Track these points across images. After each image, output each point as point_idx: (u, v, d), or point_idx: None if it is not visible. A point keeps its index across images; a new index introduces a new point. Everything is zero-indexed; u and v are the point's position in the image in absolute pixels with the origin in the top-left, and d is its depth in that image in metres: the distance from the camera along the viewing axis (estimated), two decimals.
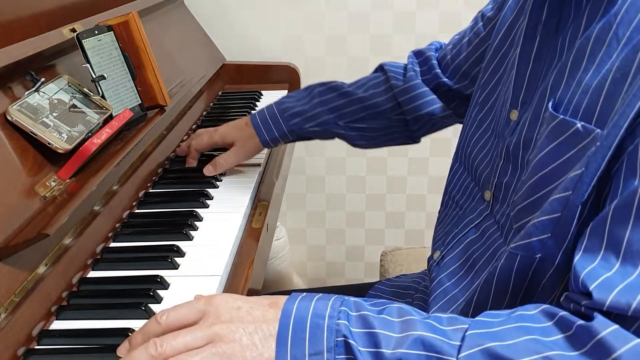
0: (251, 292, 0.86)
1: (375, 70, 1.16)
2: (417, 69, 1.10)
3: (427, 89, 1.08)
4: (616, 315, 0.53)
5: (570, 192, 0.61)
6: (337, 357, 0.57)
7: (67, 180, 0.85)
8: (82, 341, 0.71)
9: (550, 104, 0.67)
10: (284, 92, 1.67)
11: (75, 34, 0.97)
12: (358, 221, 2.00)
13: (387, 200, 1.98)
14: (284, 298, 0.62)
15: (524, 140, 0.73)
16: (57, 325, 0.75)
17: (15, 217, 0.74)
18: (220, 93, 1.65)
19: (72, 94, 0.93)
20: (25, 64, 0.87)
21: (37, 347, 0.71)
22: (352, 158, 1.91)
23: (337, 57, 1.85)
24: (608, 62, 0.62)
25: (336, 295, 0.62)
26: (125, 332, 0.70)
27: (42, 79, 0.88)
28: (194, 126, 1.38)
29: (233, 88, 1.71)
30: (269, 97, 1.62)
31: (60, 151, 0.84)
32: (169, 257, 0.85)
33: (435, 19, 1.80)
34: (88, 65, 0.97)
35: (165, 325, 0.61)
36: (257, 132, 1.13)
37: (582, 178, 0.60)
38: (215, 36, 1.75)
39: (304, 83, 1.79)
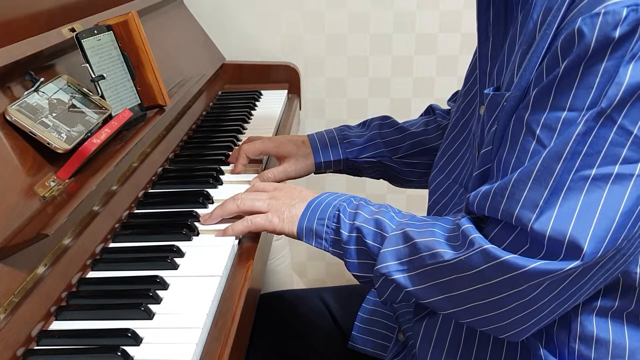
0: (251, 292, 0.86)
1: (426, 112, 1.20)
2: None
3: None
4: (476, 215, 0.74)
5: (490, 146, 0.75)
6: (332, 223, 0.84)
7: (67, 181, 0.85)
8: (81, 341, 0.71)
9: (489, 89, 0.78)
10: (284, 92, 1.67)
11: (74, 33, 0.97)
12: None
13: (387, 200, 1.98)
14: (321, 192, 0.90)
15: (483, 127, 0.80)
16: (57, 325, 0.74)
17: (15, 217, 0.74)
18: (220, 93, 1.65)
19: (72, 93, 0.93)
20: (24, 63, 0.87)
21: (36, 347, 0.71)
22: None
23: (337, 57, 1.85)
24: (525, 41, 0.73)
25: (354, 196, 0.88)
26: (125, 333, 0.70)
27: (42, 79, 0.88)
28: (193, 126, 1.38)
29: (233, 88, 1.71)
30: (269, 97, 1.62)
31: (59, 151, 0.83)
32: (168, 258, 0.84)
33: (435, 18, 1.80)
34: (87, 65, 0.97)
35: (254, 188, 0.98)
36: (314, 153, 1.14)
37: (497, 133, 0.74)
38: (215, 36, 1.75)
39: (304, 83, 1.79)
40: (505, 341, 0.82)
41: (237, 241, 0.92)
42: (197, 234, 0.93)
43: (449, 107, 1.16)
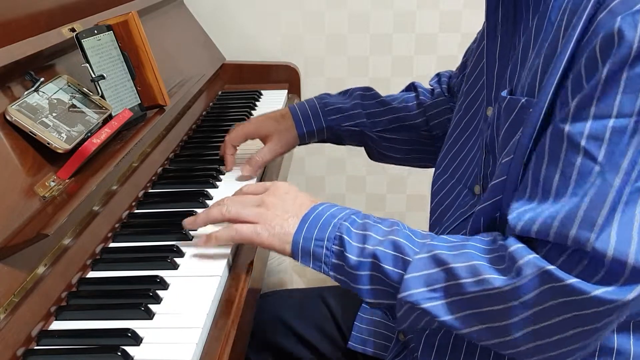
0: (251, 292, 0.85)
1: (407, 88, 1.20)
2: (444, 86, 1.15)
3: (453, 104, 1.11)
4: (525, 238, 0.67)
5: (512, 155, 0.71)
6: (333, 246, 0.76)
7: (67, 180, 0.85)
8: (81, 341, 0.71)
9: (504, 92, 0.75)
10: (284, 92, 1.67)
11: (74, 33, 0.97)
12: None
13: (387, 200, 1.98)
14: (319, 201, 0.82)
15: (496, 131, 0.78)
16: (57, 325, 0.74)
17: (15, 217, 0.74)
18: (220, 93, 1.65)
19: (72, 93, 0.93)
20: (24, 63, 0.87)
21: (36, 347, 0.71)
22: (352, 158, 1.91)
23: (337, 57, 1.85)
24: (545, 44, 0.70)
25: (354, 209, 0.80)
26: (125, 333, 0.70)
27: (42, 79, 0.88)
28: (193, 126, 1.38)
29: (233, 88, 1.71)
30: (269, 97, 1.62)
31: (59, 151, 0.83)
32: (168, 258, 0.84)
33: (435, 18, 1.80)
34: (87, 65, 0.97)
35: (241, 193, 0.88)
36: (296, 124, 1.12)
37: (520, 141, 0.70)
38: (215, 36, 1.74)
39: (304, 83, 1.79)
40: None
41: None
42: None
43: (432, 87, 1.16)
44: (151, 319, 0.74)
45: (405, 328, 0.74)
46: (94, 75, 0.97)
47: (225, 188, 1.09)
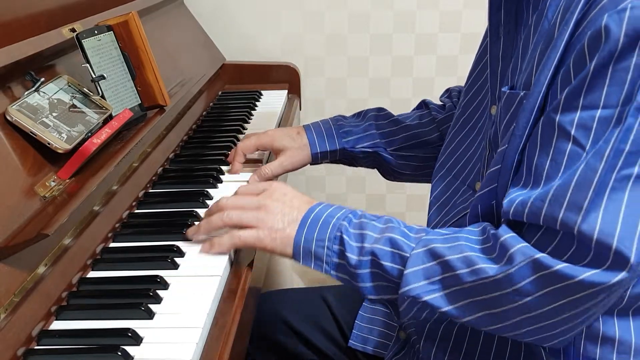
0: (251, 292, 0.86)
1: (419, 106, 1.20)
2: (455, 100, 1.15)
3: None
4: (515, 222, 0.70)
5: (507, 145, 0.74)
6: (333, 245, 0.78)
7: (67, 181, 0.85)
8: (81, 341, 0.71)
9: (505, 88, 0.77)
10: (284, 92, 1.67)
11: (75, 33, 0.97)
12: None
13: (387, 200, 1.98)
14: (315, 201, 0.84)
15: (499, 127, 0.79)
16: (57, 325, 0.74)
17: (15, 217, 0.74)
18: (220, 93, 1.65)
19: (72, 93, 0.93)
20: (25, 63, 0.87)
21: (36, 347, 0.71)
22: None
23: (337, 57, 1.85)
24: (541, 40, 0.73)
25: (352, 208, 0.82)
26: (125, 332, 0.70)
27: (42, 79, 0.88)
28: (194, 126, 1.38)
29: (233, 88, 1.71)
30: (269, 97, 1.62)
31: (60, 151, 0.83)
32: (168, 257, 0.84)
33: (435, 18, 1.80)
34: (88, 65, 0.97)
35: (237, 193, 0.89)
36: (311, 143, 1.13)
37: (514, 132, 0.72)
38: (215, 36, 1.75)
39: (304, 83, 1.79)
40: (509, 340, 0.81)
41: None
42: None
43: (442, 102, 1.17)
44: (151, 318, 0.74)
45: (409, 319, 0.77)
46: (94, 76, 0.98)
47: (226, 188, 1.09)
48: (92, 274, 0.85)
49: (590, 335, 0.76)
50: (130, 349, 0.68)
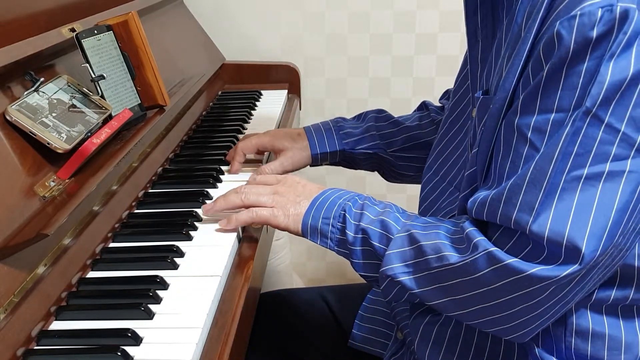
0: (251, 292, 0.86)
1: (419, 108, 1.21)
2: None
3: None
4: (477, 220, 0.74)
5: (477, 148, 0.77)
6: (337, 223, 0.84)
7: (67, 181, 0.85)
8: (81, 342, 0.71)
9: (478, 93, 0.79)
10: (284, 92, 1.67)
11: (74, 33, 0.97)
12: None
13: (387, 199, 1.97)
14: (326, 187, 0.90)
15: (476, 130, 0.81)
16: (57, 325, 0.74)
17: (15, 217, 0.74)
18: (219, 93, 1.65)
19: (72, 93, 0.93)
20: (24, 63, 0.87)
21: (36, 347, 0.71)
22: None
23: (337, 57, 1.85)
24: (510, 45, 0.74)
25: (359, 193, 0.88)
26: (124, 333, 0.70)
27: (42, 79, 0.88)
28: (193, 126, 1.38)
29: (233, 88, 1.71)
30: (269, 97, 1.62)
31: (59, 151, 0.83)
32: (168, 258, 0.84)
33: (435, 18, 1.80)
34: (87, 65, 0.97)
35: (255, 181, 0.96)
36: (311, 144, 1.13)
37: (483, 135, 0.75)
38: (215, 36, 1.75)
39: (304, 83, 1.79)
40: (502, 343, 0.82)
41: (237, 241, 0.92)
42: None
43: (442, 104, 1.17)
44: (151, 319, 0.74)
45: (390, 300, 0.82)
46: (94, 75, 0.97)
47: (226, 188, 1.08)
48: (92, 274, 0.85)
49: (579, 333, 0.78)
50: (130, 349, 0.68)
